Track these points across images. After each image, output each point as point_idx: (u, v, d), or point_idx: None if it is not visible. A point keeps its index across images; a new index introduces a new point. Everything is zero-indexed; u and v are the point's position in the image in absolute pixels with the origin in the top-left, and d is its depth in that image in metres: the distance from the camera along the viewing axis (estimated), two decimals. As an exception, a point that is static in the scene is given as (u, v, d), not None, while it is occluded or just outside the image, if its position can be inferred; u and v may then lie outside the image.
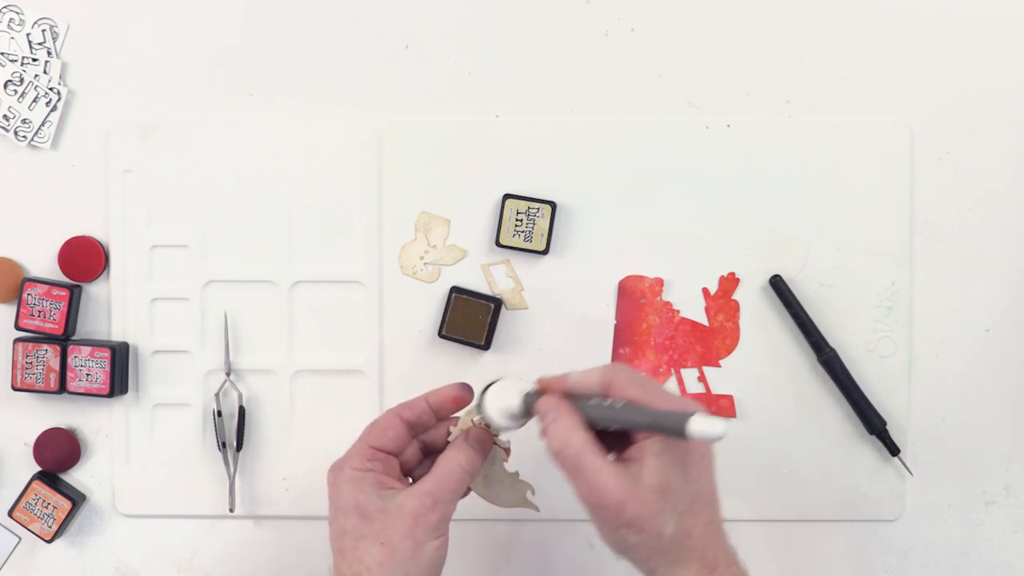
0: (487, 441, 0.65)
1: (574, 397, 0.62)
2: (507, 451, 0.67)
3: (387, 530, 0.62)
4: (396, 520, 0.62)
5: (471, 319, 0.78)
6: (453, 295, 0.78)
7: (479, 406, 0.65)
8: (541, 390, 0.63)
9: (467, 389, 0.67)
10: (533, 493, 0.67)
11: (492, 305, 0.78)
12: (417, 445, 0.67)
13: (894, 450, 0.79)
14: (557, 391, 0.62)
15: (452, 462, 0.64)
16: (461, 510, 0.80)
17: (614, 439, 0.62)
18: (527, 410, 0.63)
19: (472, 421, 0.66)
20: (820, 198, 0.79)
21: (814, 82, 0.80)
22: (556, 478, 0.67)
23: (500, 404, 0.64)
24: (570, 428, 0.59)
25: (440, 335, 0.79)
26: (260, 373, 0.80)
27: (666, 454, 0.59)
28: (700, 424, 0.54)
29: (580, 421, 0.60)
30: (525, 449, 0.71)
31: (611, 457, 0.60)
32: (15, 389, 0.79)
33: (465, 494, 0.66)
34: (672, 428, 0.56)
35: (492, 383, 0.65)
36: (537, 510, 0.68)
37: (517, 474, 0.67)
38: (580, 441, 0.59)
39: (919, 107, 0.80)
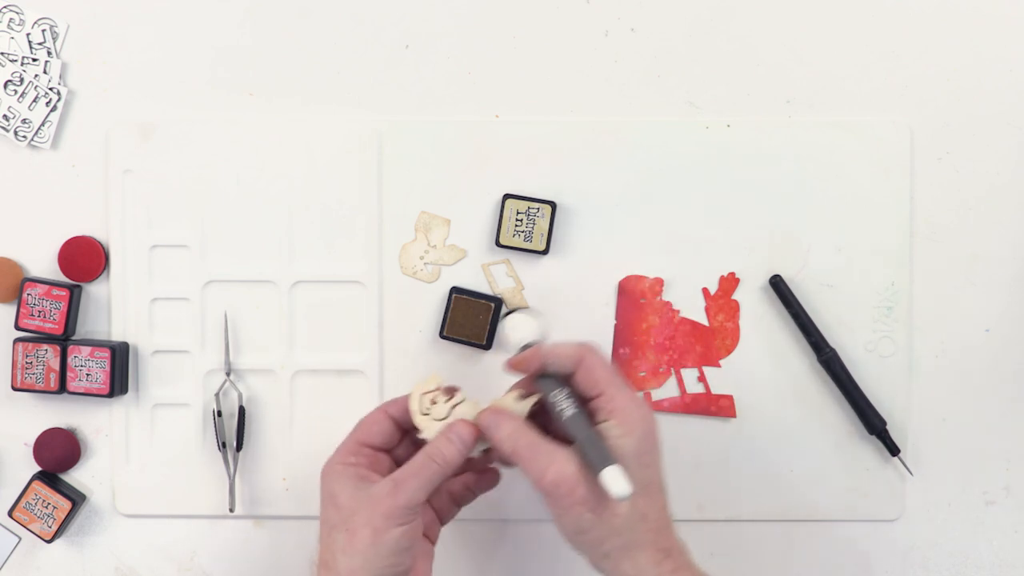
0: (468, 436, 0.65)
1: (543, 378, 0.66)
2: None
3: (352, 518, 0.63)
4: (362, 508, 0.63)
5: (472, 319, 0.78)
6: (453, 295, 0.78)
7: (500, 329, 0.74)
8: (515, 365, 0.67)
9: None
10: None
11: (493, 305, 0.78)
12: (412, 444, 0.68)
13: (894, 450, 0.79)
14: (534, 365, 0.66)
15: (425, 453, 0.65)
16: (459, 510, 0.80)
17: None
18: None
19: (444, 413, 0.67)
20: (820, 198, 0.79)
21: (814, 82, 0.80)
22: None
23: (505, 336, 0.70)
24: (514, 429, 0.63)
25: (441, 336, 0.79)
26: (260, 373, 0.80)
27: (622, 438, 0.61)
28: (611, 478, 0.59)
29: (519, 422, 0.64)
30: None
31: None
32: (15, 389, 0.78)
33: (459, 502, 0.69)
34: (593, 463, 0.60)
35: (512, 311, 0.75)
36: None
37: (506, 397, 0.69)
38: (527, 436, 0.63)
39: (919, 107, 0.80)
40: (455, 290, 0.79)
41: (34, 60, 0.80)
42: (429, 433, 0.66)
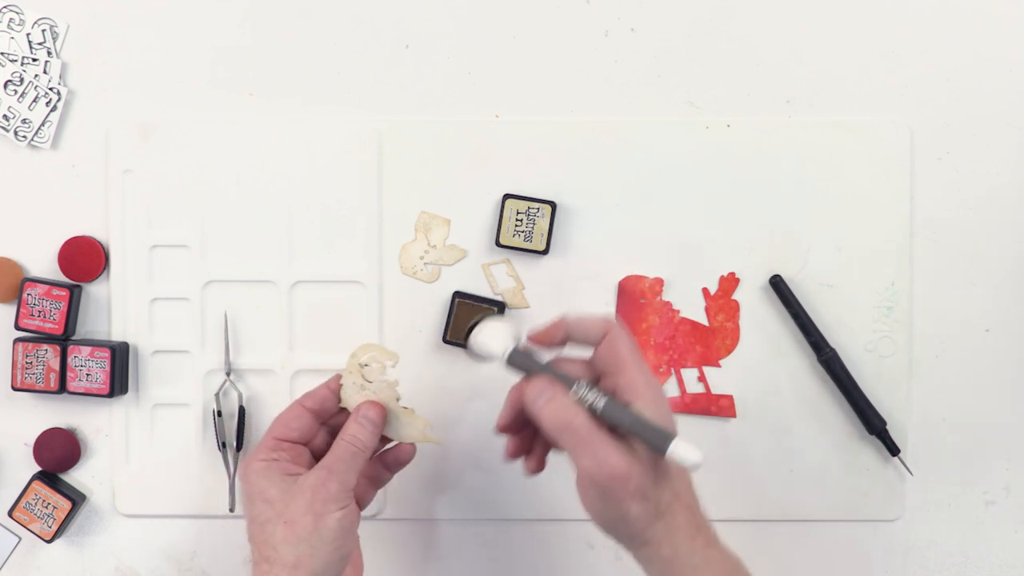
0: (375, 415, 0.67)
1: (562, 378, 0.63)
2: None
3: (288, 509, 0.64)
4: (296, 498, 0.64)
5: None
6: (456, 300, 0.78)
7: (468, 339, 0.68)
8: (534, 343, 0.65)
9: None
10: (431, 428, 0.69)
11: (495, 309, 0.78)
12: (326, 433, 0.70)
13: (894, 450, 0.79)
14: (559, 335, 0.64)
15: (342, 439, 0.66)
16: (459, 510, 0.80)
17: None
18: (509, 364, 0.65)
19: (362, 389, 0.68)
20: (820, 198, 0.79)
21: (814, 82, 0.80)
22: (553, 479, 0.67)
23: (485, 349, 0.66)
24: (569, 406, 0.61)
25: (444, 341, 0.78)
26: (260, 373, 0.80)
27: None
28: (680, 450, 0.58)
29: (574, 400, 0.61)
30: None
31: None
32: (15, 389, 0.78)
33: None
34: (652, 443, 0.59)
35: (480, 319, 0.70)
36: (439, 444, 0.69)
37: (413, 411, 0.69)
38: (584, 418, 0.60)
39: (919, 107, 0.80)
40: (457, 294, 0.79)
41: (34, 60, 0.80)
42: (345, 393, 0.68)
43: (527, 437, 0.67)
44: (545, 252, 0.79)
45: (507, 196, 0.78)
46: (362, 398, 0.68)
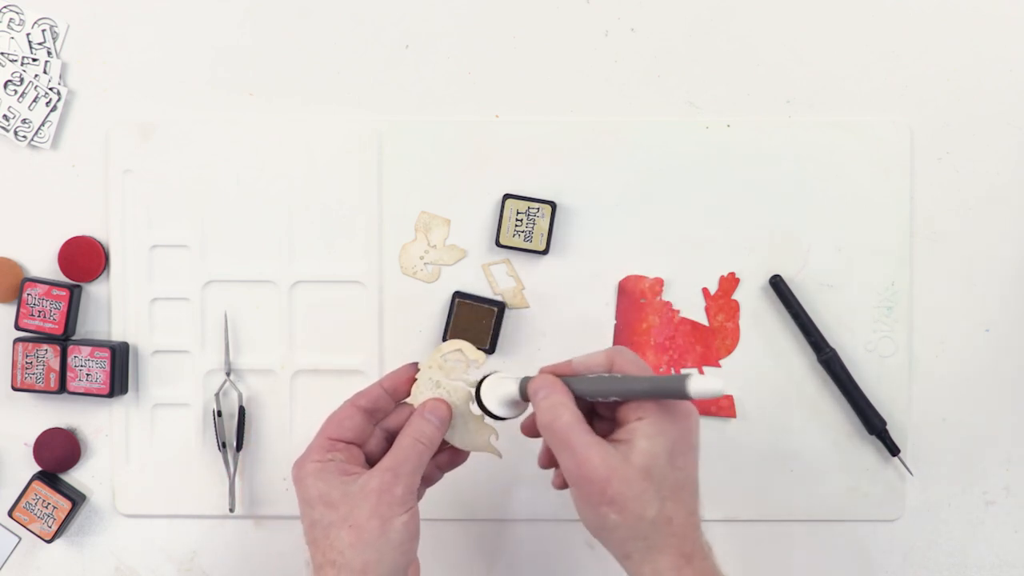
0: (444, 413, 0.65)
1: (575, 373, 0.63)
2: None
3: (353, 512, 0.62)
4: (360, 501, 0.62)
5: (475, 324, 0.78)
6: (457, 300, 0.78)
7: (477, 400, 0.65)
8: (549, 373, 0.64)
9: (417, 368, 0.67)
10: (497, 438, 0.67)
11: (496, 309, 0.78)
12: (381, 434, 0.67)
13: (894, 450, 0.79)
14: (564, 373, 0.63)
15: (409, 436, 0.64)
16: (459, 510, 0.80)
17: (605, 425, 0.63)
18: (524, 395, 0.64)
19: (429, 392, 0.66)
20: (820, 198, 0.79)
21: (814, 82, 0.80)
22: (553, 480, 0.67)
23: (498, 394, 0.65)
24: (561, 403, 0.61)
25: (444, 341, 0.78)
26: (260, 373, 0.80)
27: (656, 438, 0.59)
28: (700, 383, 0.55)
29: (571, 399, 0.61)
30: (520, 447, 0.71)
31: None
32: (15, 389, 0.78)
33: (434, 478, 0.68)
34: (673, 391, 0.57)
35: (486, 376, 0.66)
36: (499, 456, 0.67)
37: (482, 417, 0.67)
38: (570, 416, 0.60)
39: (919, 107, 0.80)
40: (458, 295, 0.79)
41: (34, 60, 0.80)
42: (418, 389, 0.66)
43: None
44: (545, 252, 0.79)
45: (507, 196, 0.78)
46: (433, 396, 0.66)
